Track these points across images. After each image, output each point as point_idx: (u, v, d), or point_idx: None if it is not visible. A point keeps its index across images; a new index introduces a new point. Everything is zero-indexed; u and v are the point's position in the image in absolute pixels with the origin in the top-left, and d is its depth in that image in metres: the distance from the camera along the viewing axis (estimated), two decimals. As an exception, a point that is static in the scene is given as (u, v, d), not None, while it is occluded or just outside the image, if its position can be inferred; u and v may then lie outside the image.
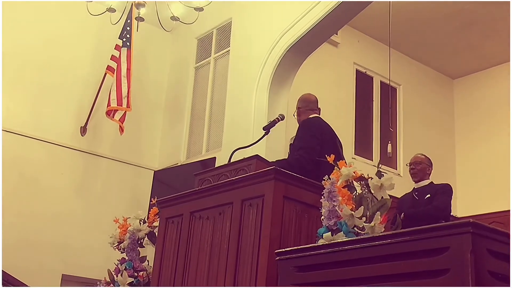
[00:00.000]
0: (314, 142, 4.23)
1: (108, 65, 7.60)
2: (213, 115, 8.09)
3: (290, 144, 4.49)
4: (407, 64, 10.24)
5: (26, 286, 5.38)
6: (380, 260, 2.69)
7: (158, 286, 4.14)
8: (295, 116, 4.71)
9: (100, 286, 4.86)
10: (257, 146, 4.76)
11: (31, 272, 6.92)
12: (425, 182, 5.26)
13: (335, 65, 9.29)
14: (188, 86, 8.57)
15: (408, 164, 5.35)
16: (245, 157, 4.02)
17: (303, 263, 3.04)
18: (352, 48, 9.55)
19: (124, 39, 7.62)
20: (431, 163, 5.35)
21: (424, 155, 5.36)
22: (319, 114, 4.65)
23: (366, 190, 3.26)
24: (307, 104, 4.66)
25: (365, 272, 2.73)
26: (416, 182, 5.30)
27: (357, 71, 9.67)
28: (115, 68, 7.53)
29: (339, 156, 4.11)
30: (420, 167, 5.26)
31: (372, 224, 3.09)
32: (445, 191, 5.17)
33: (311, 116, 4.54)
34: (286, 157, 4.73)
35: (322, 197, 3.25)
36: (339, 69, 9.36)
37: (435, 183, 5.30)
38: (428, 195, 5.11)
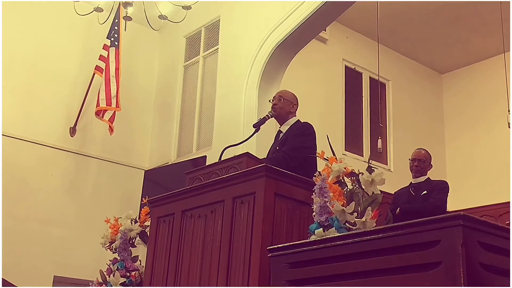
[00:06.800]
0: (309, 150, 4.20)
1: (96, 65, 7.58)
2: (203, 113, 8.08)
3: (281, 140, 4.46)
4: (396, 60, 10.28)
5: (18, 288, 5.35)
6: (372, 254, 2.70)
7: (150, 285, 4.13)
8: (276, 105, 4.51)
9: (92, 286, 4.84)
10: (248, 144, 4.75)
11: (22, 274, 6.89)
12: (423, 178, 5.25)
13: (324, 62, 9.31)
14: (177, 85, 8.55)
15: (411, 159, 5.31)
16: (236, 155, 4.02)
17: (296, 259, 3.05)
18: (341, 45, 9.57)
19: (112, 39, 7.60)
20: (431, 158, 5.36)
21: (426, 150, 5.34)
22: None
23: (357, 186, 3.27)
24: (296, 103, 4.63)
25: (358, 267, 2.74)
26: (416, 177, 5.29)
27: (346, 67, 9.69)
28: (104, 68, 7.51)
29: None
30: (423, 165, 5.26)
31: (363, 219, 3.10)
32: (442, 188, 5.17)
33: (307, 122, 4.50)
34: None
35: (313, 193, 3.25)
36: (328, 65, 9.38)
37: (431, 178, 5.31)
38: (425, 192, 5.11)
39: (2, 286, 5.02)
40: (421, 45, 10.09)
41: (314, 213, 3.24)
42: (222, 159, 4.14)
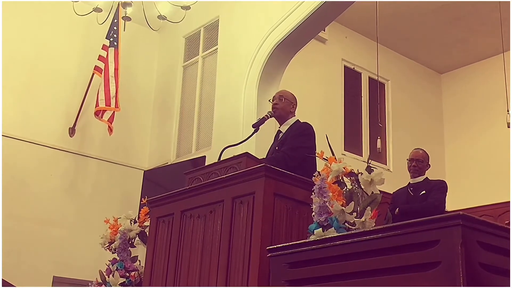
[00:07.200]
0: (309, 150, 4.20)
1: (95, 65, 7.58)
2: (202, 113, 8.08)
3: (280, 140, 4.46)
4: (395, 60, 10.28)
5: (17, 288, 5.35)
6: (371, 254, 2.70)
7: (150, 285, 4.13)
8: (276, 105, 4.53)
9: (91, 287, 4.84)
10: (247, 144, 4.75)
11: (22, 274, 6.88)
12: (421, 178, 5.25)
13: (323, 62, 9.30)
14: (177, 85, 8.55)
15: (408, 159, 5.31)
16: (235, 155, 4.01)
17: (295, 259, 3.05)
18: (340, 45, 9.57)
19: (111, 39, 7.60)
20: (429, 158, 5.36)
21: (423, 150, 5.35)
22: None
23: (356, 186, 3.27)
24: (295, 103, 4.63)
25: (357, 267, 2.74)
26: (414, 177, 5.29)
27: (345, 67, 9.68)
28: (103, 68, 7.51)
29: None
30: (421, 165, 5.26)
31: (362, 219, 3.10)
32: (440, 188, 5.17)
33: (306, 122, 4.50)
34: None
35: (313, 193, 3.25)
36: (327, 65, 9.38)
37: (429, 178, 5.31)
38: (423, 192, 5.11)
39: (2, 286, 5.01)
40: (420, 45, 10.09)
41: (313, 213, 3.24)
42: (221, 159, 4.13)
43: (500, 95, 8.95)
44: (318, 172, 3.35)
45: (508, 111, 7.62)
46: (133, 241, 4.81)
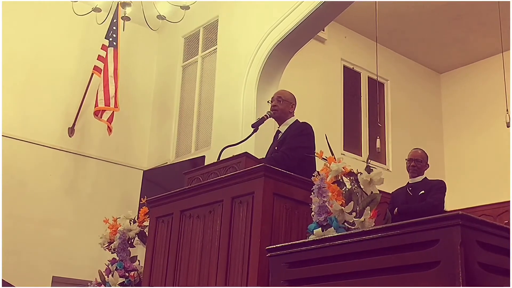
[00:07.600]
0: (308, 150, 4.20)
1: (95, 65, 7.58)
2: (202, 113, 8.08)
3: (280, 140, 4.46)
4: (394, 59, 10.28)
5: (17, 288, 5.35)
6: (370, 254, 2.69)
7: (149, 285, 4.13)
8: (275, 106, 4.51)
9: (91, 287, 4.84)
10: (246, 144, 4.75)
11: (21, 274, 6.88)
12: (420, 178, 5.27)
13: (323, 62, 9.31)
14: (176, 85, 8.55)
15: (407, 159, 5.32)
16: (234, 155, 4.01)
17: (294, 259, 3.05)
18: (339, 44, 9.57)
19: (111, 39, 7.60)
20: (428, 158, 5.37)
21: (422, 150, 5.36)
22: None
23: (355, 185, 3.27)
24: (294, 103, 4.63)
25: (356, 267, 2.74)
26: (413, 177, 5.30)
27: (344, 67, 9.69)
28: (102, 68, 7.51)
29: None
30: (420, 165, 5.27)
31: (362, 219, 3.10)
32: (439, 188, 5.18)
33: (305, 122, 4.49)
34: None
35: (312, 193, 3.25)
36: (327, 65, 9.38)
37: (428, 178, 5.31)
38: (422, 191, 5.12)
39: (2, 286, 5.01)
40: (420, 44, 10.09)
41: (312, 213, 3.24)
42: (220, 159, 4.13)
43: (499, 94, 8.95)
44: (318, 172, 3.35)
45: (507, 110, 7.63)
46: (132, 241, 4.81)
